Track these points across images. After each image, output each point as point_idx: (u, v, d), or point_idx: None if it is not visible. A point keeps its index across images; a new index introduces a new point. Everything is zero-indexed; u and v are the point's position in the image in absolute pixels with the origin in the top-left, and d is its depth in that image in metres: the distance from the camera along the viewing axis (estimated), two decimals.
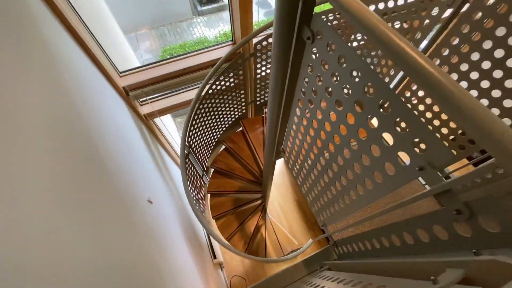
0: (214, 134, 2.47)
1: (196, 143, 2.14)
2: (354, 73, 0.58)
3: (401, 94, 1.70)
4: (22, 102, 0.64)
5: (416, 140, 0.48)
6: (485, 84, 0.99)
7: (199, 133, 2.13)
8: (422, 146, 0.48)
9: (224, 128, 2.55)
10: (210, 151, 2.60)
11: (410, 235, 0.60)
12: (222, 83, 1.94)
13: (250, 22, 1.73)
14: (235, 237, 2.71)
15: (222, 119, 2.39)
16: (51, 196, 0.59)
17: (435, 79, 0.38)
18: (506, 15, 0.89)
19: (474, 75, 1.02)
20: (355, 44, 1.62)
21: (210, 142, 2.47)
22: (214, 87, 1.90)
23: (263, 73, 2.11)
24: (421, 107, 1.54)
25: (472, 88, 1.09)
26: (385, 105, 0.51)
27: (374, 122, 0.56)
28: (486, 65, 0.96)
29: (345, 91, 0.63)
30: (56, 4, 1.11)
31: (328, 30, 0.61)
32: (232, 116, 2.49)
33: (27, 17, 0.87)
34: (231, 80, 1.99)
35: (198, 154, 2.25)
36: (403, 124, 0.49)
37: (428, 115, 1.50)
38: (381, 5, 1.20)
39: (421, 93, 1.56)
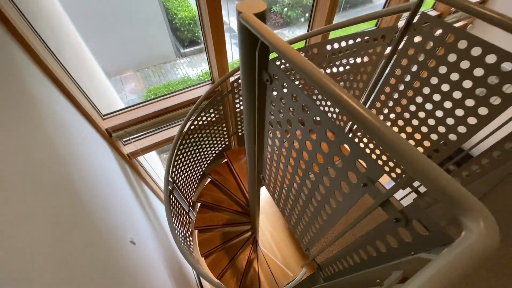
0: (199, 167, 2.50)
1: (180, 178, 2.16)
2: (305, 108, 0.68)
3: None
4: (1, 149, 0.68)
5: (359, 161, 0.57)
6: (428, 106, 1.15)
7: (183, 168, 2.16)
8: (363, 166, 0.57)
9: (208, 161, 2.60)
10: (196, 185, 2.60)
11: (372, 248, 0.65)
12: (204, 118, 2.04)
13: (225, 64, 1.91)
14: (226, 274, 2.59)
15: (206, 152, 2.45)
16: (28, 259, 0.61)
17: (358, 112, 0.47)
18: (432, 49, 1.07)
19: (419, 99, 1.18)
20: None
21: (195, 176, 2.49)
22: (196, 122, 1.99)
23: (242, 107, 2.25)
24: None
25: (420, 110, 1.24)
26: (331, 133, 0.61)
27: (325, 147, 0.65)
28: (426, 90, 1.13)
29: (302, 124, 0.73)
30: (39, 55, 1.20)
31: (281, 74, 0.72)
32: (216, 148, 2.56)
33: (7, 68, 0.95)
34: (212, 115, 2.10)
35: (183, 189, 2.25)
36: (346, 148, 0.58)
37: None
38: (335, 45, 1.40)
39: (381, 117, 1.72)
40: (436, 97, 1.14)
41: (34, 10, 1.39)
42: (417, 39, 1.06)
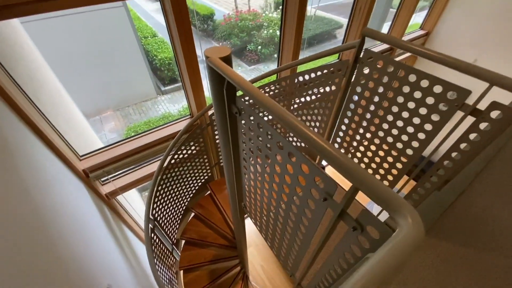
0: (182, 202, 2.45)
1: (162, 215, 2.10)
2: (269, 135, 0.76)
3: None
4: None
5: (317, 178, 0.64)
6: (385, 126, 1.30)
7: (165, 204, 2.12)
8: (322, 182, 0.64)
9: (191, 194, 2.57)
10: (179, 222, 2.52)
11: (343, 260, 0.69)
12: (184, 151, 2.08)
13: (203, 98, 2.02)
14: None
15: (188, 186, 2.43)
16: None
17: (307, 135, 0.55)
18: (380, 79, 1.24)
19: (376, 121, 1.34)
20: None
21: (177, 211, 2.43)
22: (176, 156, 2.02)
23: None
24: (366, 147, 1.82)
25: (378, 129, 1.38)
26: (293, 155, 0.68)
27: (290, 168, 0.72)
28: (380, 112, 1.28)
29: (269, 149, 0.81)
30: (15, 102, 1.23)
31: (247, 107, 0.81)
32: (199, 180, 2.55)
33: None
34: (193, 147, 2.15)
35: (165, 227, 2.17)
36: (305, 167, 0.65)
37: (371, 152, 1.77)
38: (301, 78, 1.56)
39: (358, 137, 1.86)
40: (390, 118, 1.29)
41: (12, 58, 1.45)
42: (366, 70, 1.23)
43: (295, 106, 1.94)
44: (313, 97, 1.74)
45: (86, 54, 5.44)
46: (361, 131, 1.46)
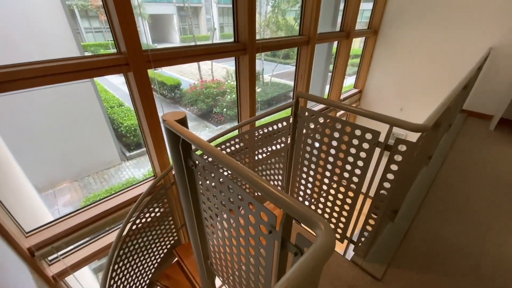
0: (144, 276, 2.20)
1: None
2: (221, 181, 0.85)
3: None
4: None
5: (262, 213, 0.73)
6: (329, 166, 1.49)
7: (125, 282, 1.88)
8: (266, 216, 0.72)
9: (155, 265, 2.33)
10: None
11: None
12: (147, 215, 2.00)
13: (166, 159, 2.09)
14: None
15: (152, 255, 2.23)
16: None
17: (244, 172, 0.67)
18: (316, 129, 1.49)
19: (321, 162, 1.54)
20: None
21: None
22: (138, 221, 1.92)
23: None
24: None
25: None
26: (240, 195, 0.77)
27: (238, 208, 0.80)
28: (323, 155, 1.49)
29: (222, 194, 0.89)
30: None
31: (201, 159, 0.92)
32: (164, 247, 2.37)
33: None
34: (156, 210, 2.08)
35: None
36: (252, 206, 0.74)
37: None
38: (260, 131, 1.76)
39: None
40: (331, 159, 1.50)
41: None
42: (304, 123, 1.48)
43: (258, 159, 2.11)
44: (270, 148, 1.94)
45: (47, 126, 5.31)
46: (311, 173, 1.63)
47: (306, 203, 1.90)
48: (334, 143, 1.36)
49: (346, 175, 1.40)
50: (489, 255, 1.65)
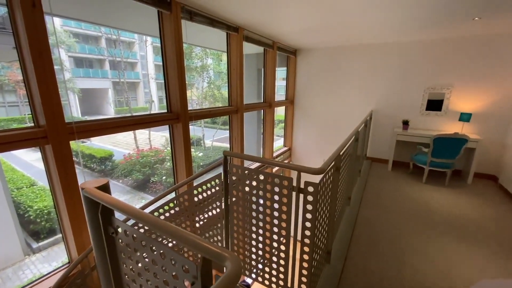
0: None
1: None
2: (143, 243, 0.85)
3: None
4: None
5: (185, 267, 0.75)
6: (260, 216, 1.61)
7: None
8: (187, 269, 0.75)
9: None
10: None
11: None
12: None
13: (85, 237, 1.83)
14: None
15: None
16: None
17: (160, 224, 0.71)
18: (244, 182, 1.65)
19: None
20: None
21: None
22: None
23: None
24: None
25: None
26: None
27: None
28: (254, 206, 1.62)
29: (144, 255, 0.87)
30: None
31: (122, 224, 0.91)
32: None
33: None
34: None
35: None
36: (173, 261, 0.76)
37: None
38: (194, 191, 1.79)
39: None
40: (261, 208, 1.63)
41: None
42: (234, 177, 1.64)
43: (197, 219, 2.06)
44: (206, 209, 1.95)
45: None
46: (247, 226, 1.70)
47: (248, 259, 1.88)
48: (261, 192, 1.51)
49: (275, 221, 1.52)
50: (407, 278, 1.88)
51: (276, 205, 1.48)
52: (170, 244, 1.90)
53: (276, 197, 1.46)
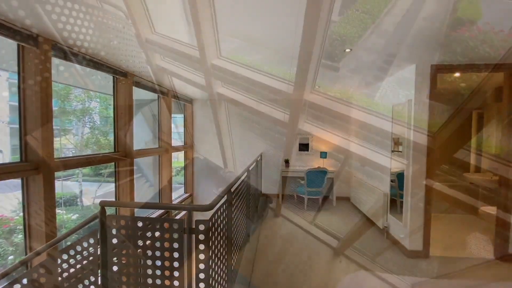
0: None
1: None
2: None
3: None
4: None
5: None
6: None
7: None
8: None
9: None
10: None
11: None
12: None
13: None
14: None
15: None
16: None
17: None
18: (127, 232, 1.46)
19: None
20: None
21: None
22: None
23: None
24: None
25: None
26: None
27: None
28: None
29: None
30: None
31: None
32: None
33: None
34: None
35: None
36: None
37: None
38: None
39: None
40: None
41: None
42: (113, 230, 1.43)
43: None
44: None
45: None
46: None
47: None
48: (148, 242, 1.37)
49: (167, 273, 1.38)
50: None
51: (166, 253, 1.38)
52: None
53: (167, 244, 1.37)
